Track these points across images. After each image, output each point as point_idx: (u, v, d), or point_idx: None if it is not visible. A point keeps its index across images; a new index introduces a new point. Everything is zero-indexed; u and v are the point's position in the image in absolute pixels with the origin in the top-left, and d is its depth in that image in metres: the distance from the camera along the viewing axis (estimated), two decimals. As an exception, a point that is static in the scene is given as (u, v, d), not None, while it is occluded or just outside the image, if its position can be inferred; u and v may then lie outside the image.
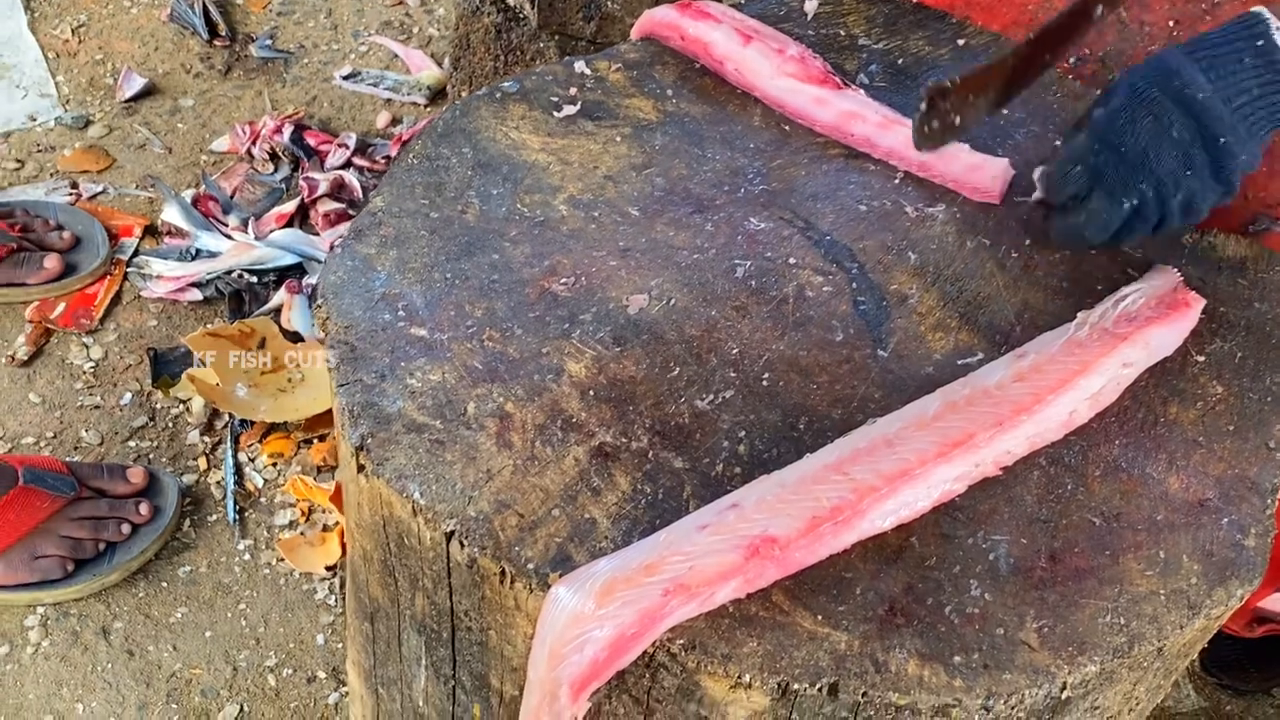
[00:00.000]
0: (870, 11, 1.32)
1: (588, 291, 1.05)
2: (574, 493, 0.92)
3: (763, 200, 1.13)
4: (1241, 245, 1.14)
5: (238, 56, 2.22)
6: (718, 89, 1.24)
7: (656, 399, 0.98)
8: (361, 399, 0.95)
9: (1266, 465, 0.98)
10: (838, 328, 1.04)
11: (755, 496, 0.90)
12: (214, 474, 1.69)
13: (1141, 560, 0.92)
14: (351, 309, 1.01)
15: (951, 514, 0.93)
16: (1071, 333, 1.01)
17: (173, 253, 1.89)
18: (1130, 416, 1.00)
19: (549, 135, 1.17)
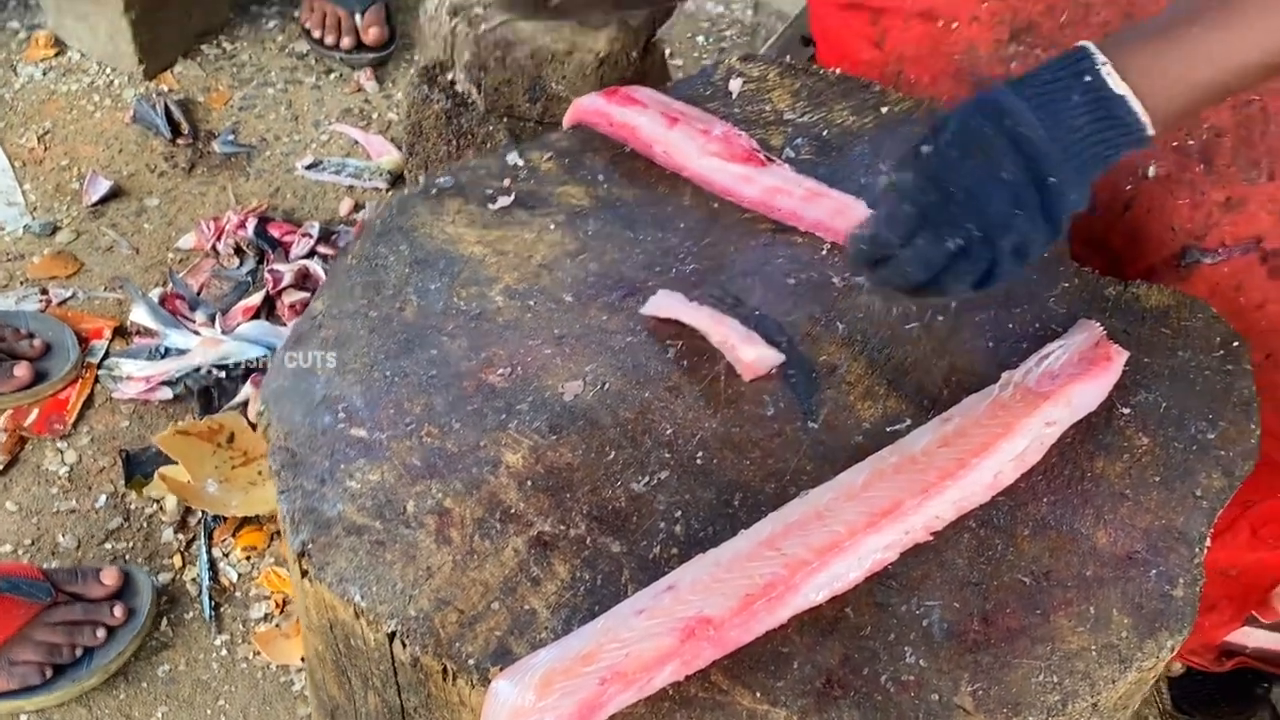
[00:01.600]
0: (794, 86, 1.35)
1: (524, 381, 1.07)
2: (513, 584, 0.94)
3: (694, 279, 1.16)
4: (1164, 294, 1.16)
5: (201, 153, 2.26)
6: (648, 171, 1.27)
7: (593, 484, 1.00)
8: (302, 505, 0.97)
9: (1193, 514, 1.00)
10: (769, 402, 1.07)
11: (690, 577, 0.92)
12: (189, 570, 1.71)
13: (1072, 617, 0.93)
14: (292, 415, 1.03)
15: (885, 582, 0.95)
16: (996, 394, 1.03)
17: (142, 353, 1.92)
18: (1057, 474, 1.02)
19: (484, 227, 1.20)
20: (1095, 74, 0.94)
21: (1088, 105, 0.94)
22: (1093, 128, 0.94)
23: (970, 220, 0.94)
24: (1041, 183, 0.94)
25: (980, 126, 0.95)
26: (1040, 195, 0.94)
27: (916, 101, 1.36)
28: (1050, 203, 0.95)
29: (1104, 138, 0.94)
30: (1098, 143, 0.94)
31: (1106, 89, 0.94)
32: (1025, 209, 0.94)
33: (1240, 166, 1.21)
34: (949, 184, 0.95)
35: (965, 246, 0.95)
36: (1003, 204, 0.94)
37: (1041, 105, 0.94)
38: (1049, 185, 0.94)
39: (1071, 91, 0.94)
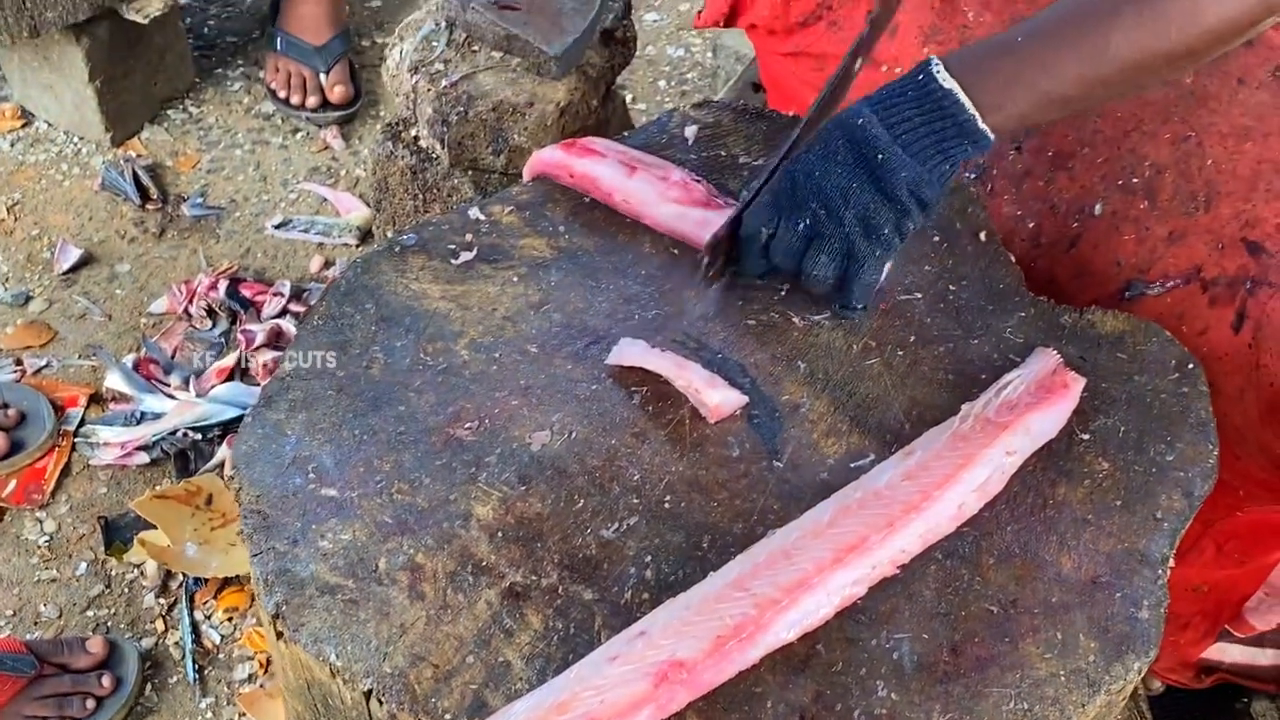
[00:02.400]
0: (749, 130, 1.37)
1: (492, 433, 1.08)
2: (487, 637, 0.95)
3: (656, 325, 1.17)
4: (1119, 320, 1.18)
5: (170, 217, 2.27)
6: (608, 220, 1.28)
7: (563, 533, 1.01)
8: (275, 566, 0.98)
9: (1155, 536, 1.01)
10: (734, 443, 1.08)
11: (662, 622, 0.93)
12: (172, 635, 1.71)
13: (1040, 643, 0.95)
14: (263, 477, 1.04)
15: (854, 617, 0.96)
16: (956, 426, 1.05)
17: (118, 419, 1.92)
18: (1020, 502, 1.03)
19: (448, 283, 1.22)
20: (927, 73, 1.05)
21: (918, 100, 1.05)
22: (924, 119, 1.05)
23: (812, 200, 1.08)
24: (871, 159, 1.06)
25: (827, 129, 1.09)
26: (870, 171, 1.06)
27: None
28: (882, 176, 1.06)
29: (937, 129, 1.05)
30: (932, 134, 1.05)
31: (934, 83, 1.05)
32: (859, 183, 1.07)
33: (1180, 200, 1.24)
34: (793, 174, 1.10)
35: (814, 225, 1.09)
36: (838, 179, 1.07)
37: (881, 105, 1.07)
38: (879, 162, 1.05)
39: (906, 89, 1.06)
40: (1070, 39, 1.03)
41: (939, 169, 1.06)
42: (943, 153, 1.05)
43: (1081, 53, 1.02)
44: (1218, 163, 1.23)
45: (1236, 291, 1.19)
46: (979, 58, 1.06)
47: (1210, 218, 1.21)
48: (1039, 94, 1.05)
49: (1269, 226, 1.19)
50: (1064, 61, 1.03)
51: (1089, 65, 1.03)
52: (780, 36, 1.55)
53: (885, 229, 1.08)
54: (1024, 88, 1.04)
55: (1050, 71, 1.04)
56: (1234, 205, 1.20)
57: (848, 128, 1.07)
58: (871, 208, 1.07)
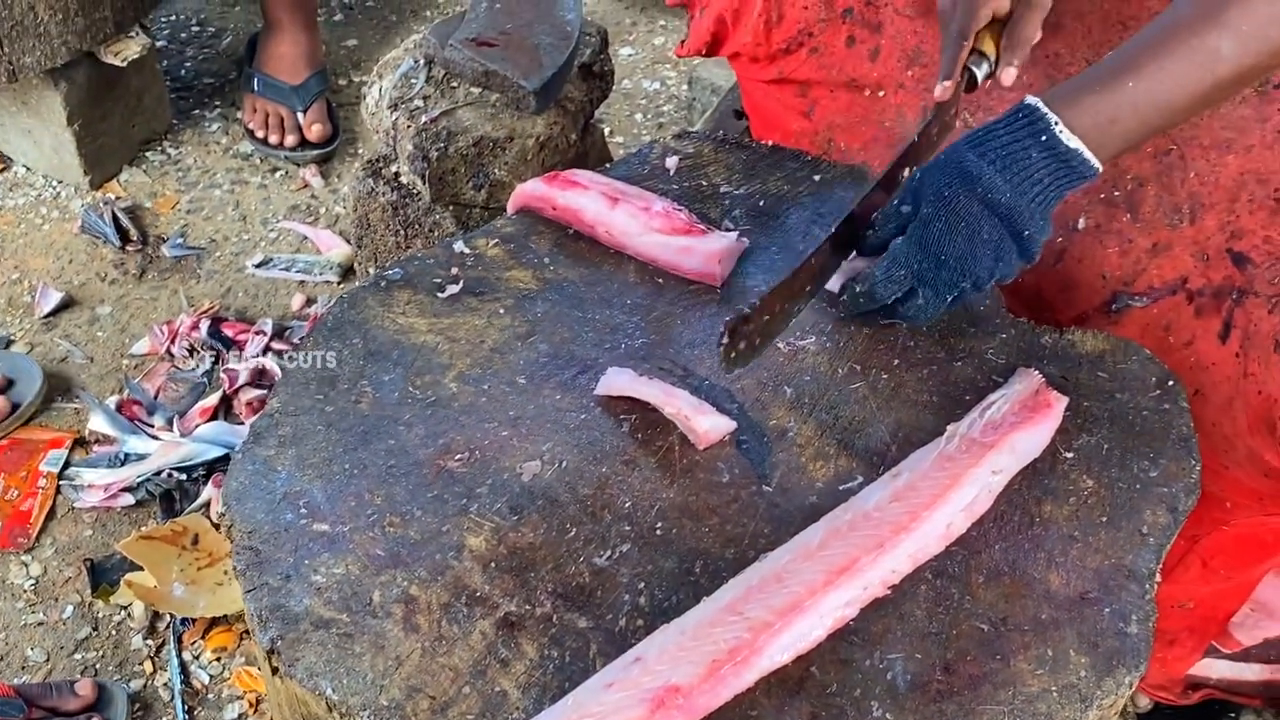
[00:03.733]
0: (729, 159, 1.39)
1: (482, 464, 1.09)
2: (483, 667, 0.95)
3: (643, 353, 1.19)
4: (1099, 339, 1.20)
5: (151, 259, 2.27)
6: (592, 251, 1.30)
7: (556, 562, 1.02)
8: (269, 602, 0.98)
9: (1141, 551, 1.03)
10: (723, 469, 1.09)
11: (657, 647, 0.94)
12: (161, 676, 1.70)
13: (1031, 660, 0.95)
14: (254, 513, 1.05)
15: (847, 638, 0.97)
16: (942, 447, 1.06)
17: (102, 461, 1.92)
18: (1007, 520, 1.04)
19: (435, 316, 1.22)
20: (1050, 133, 1.07)
21: (1046, 160, 1.07)
22: (1051, 177, 1.07)
23: (964, 280, 1.10)
24: (1018, 236, 1.08)
25: (956, 197, 1.09)
26: (1018, 245, 1.09)
27: (847, 168, 1.40)
28: (1027, 247, 1.09)
29: (1061, 181, 1.08)
30: (1056, 186, 1.08)
31: (1061, 144, 1.07)
32: (1005, 258, 1.10)
33: (1164, 212, 1.26)
34: (939, 252, 1.10)
35: (959, 298, 1.13)
36: (987, 260, 1.09)
37: (1006, 167, 1.07)
38: (1025, 238, 1.08)
39: (1030, 150, 1.07)
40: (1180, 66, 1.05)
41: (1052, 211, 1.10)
42: (1059, 197, 1.09)
43: (1194, 79, 1.05)
44: (1200, 175, 1.25)
45: (1223, 302, 1.20)
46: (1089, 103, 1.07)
47: (1195, 229, 1.23)
48: (1149, 128, 1.08)
49: (1255, 238, 1.20)
50: (1176, 92, 1.05)
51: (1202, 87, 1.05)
52: (763, 64, 1.57)
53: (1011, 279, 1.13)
54: (1135, 126, 1.07)
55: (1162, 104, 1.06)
56: (1218, 217, 1.22)
57: (991, 203, 1.08)
58: (1010, 273, 1.11)
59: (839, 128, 1.53)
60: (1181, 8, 1.06)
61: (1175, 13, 1.06)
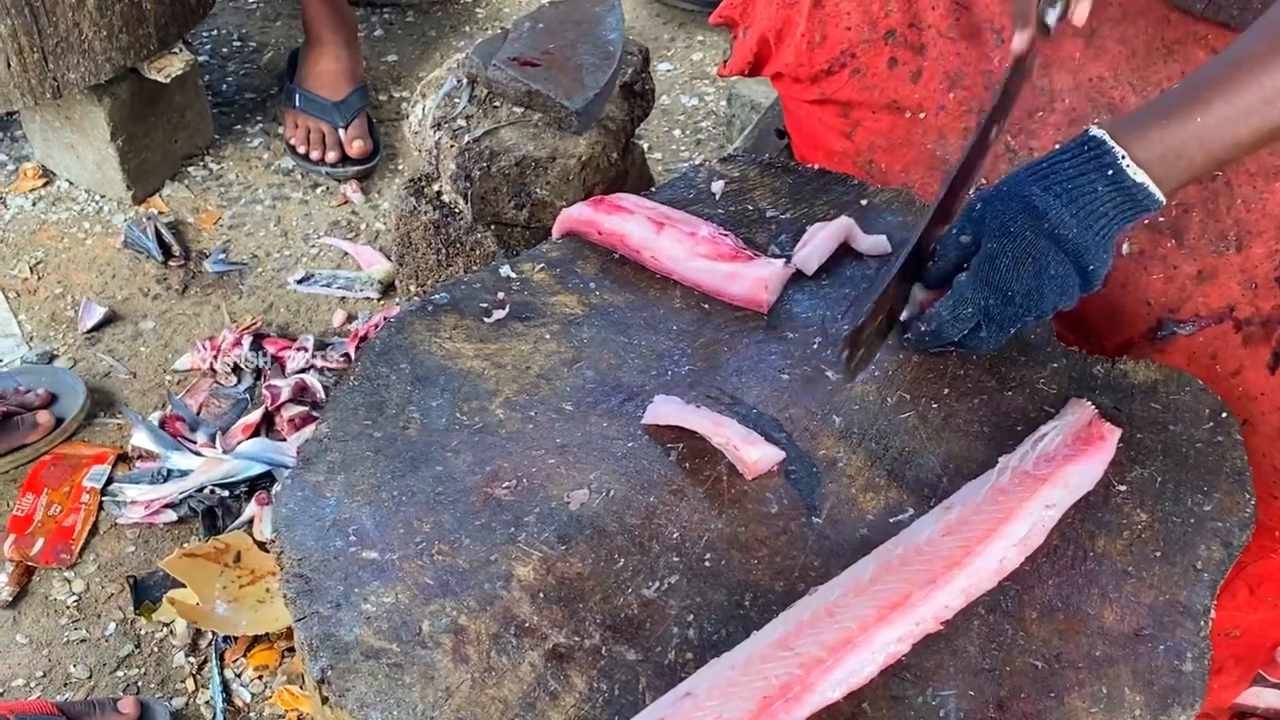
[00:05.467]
0: (775, 184, 1.38)
1: (530, 492, 1.09)
2: (532, 700, 0.95)
3: (690, 381, 1.18)
4: (1152, 369, 1.18)
5: (193, 274, 2.29)
6: (638, 276, 1.29)
7: (605, 593, 1.02)
8: (319, 630, 0.98)
9: (1196, 587, 1.01)
10: (772, 499, 1.08)
11: (707, 683, 0.93)
12: (203, 694, 1.71)
13: (1085, 698, 0.94)
14: (304, 540, 1.05)
15: (899, 674, 0.96)
16: (994, 480, 1.05)
17: (145, 477, 1.93)
18: (1060, 555, 1.03)
19: (481, 341, 1.22)
20: (1116, 166, 1.05)
21: (1111, 193, 1.06)
22: (1116, 209, 1.06)
23: (1030, 315, 1.10)
24: (1082, 270, 1.07)
25: (1023, 232, 1.07)
26: (1082, 279, 1.08)
27: (894, 192, 1.39)
28: (1090, 281, 1.09)
29: (1125, 214, 1.07)
30: (1120, 219, 1.07)
31: (1127, 178, 1.05)
32: (1069, 292, 1.09)
33: (1209, 239, 1.24)
34: (1006, 289, 1.09)
35: (1022, 330, 1.13)
36: (1053, 295, 1.09)
37: (1072, 200, 1.06)
38: (1089, 272, 1.08)
39: (1096, 184, 1.06)
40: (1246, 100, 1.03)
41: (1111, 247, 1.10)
42: (1122, 228, 1.08)
43: (1261, 115, 1.03)
44: (1247, 201, 1.23)
45: (1273, 331, 1.19)
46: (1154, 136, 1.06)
47: (1242, 257, 1.22)
48: (1214, 161, 1.06)
49: None
50: (1242, 127, 1.04)
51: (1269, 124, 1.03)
52: (805, 84, 1.57)
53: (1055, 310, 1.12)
54: (1200, 160, 1.06)
55: (1228, 138, 1.04)
56: (1266, 245, 1.21)
57: (1058, 239, 1.07)
58: (1064, 306, 1.10)
59: (880, 149, 1.52)
60: (1251, 41, 1.04)
61: (1245, 46, 1.05)
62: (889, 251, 1.30)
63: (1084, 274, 1.08)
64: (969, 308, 1.10)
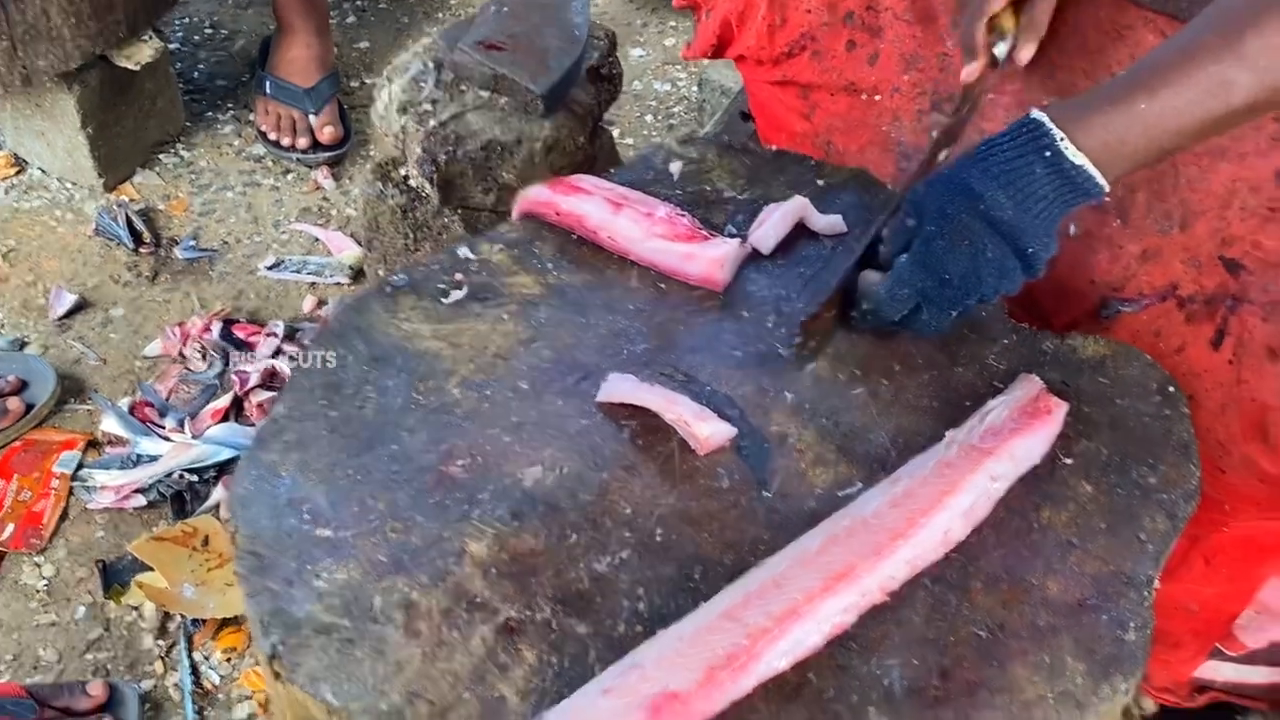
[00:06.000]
0: (733, 165, 1.39)
1: (484, 470, 1.10)
2: (482, 673, 0.96)
3: (645, 359, 1.19)
4: (1100, 344, 1.20)
5: (164, 261, 2.29)
6: (596, 257, 1.30)
7: (556, 568, 1.03)
8: (270, 606, 0.99)
9: (1140, 558, 1.03)
10: (723, 475, 1.09)
11: (655, 654, 0.95)
12: (171, 676, 1.72)
13: (1028, 666, 0.96)
14: (258, 518, 1.05)
15: (845, 644, 0.97)
16: (941, 453, 1.06)
17: (114, 462, 1.93)
18: (1006, 526, 1.04)
19: (439, 322, 1.23)
20: (1054, 148, 1.04)
21: (1050, 176, 1.05)
22: (1056, 193, 1.05)
23: (969, 298, 1.09)
24: (1021, 253, 1.06)
25: (958, 214, 1.07)
26: (1022, 262, 1.07)
27: (850, 172, 1.40)
28: (1031, 264, 1.08)
29: (1065, 198, 1.05)
30: (1060, 202, 1.06)
31: (1066, 160, 1.04)
32: (1009, 274, 1.07)
33: (1154, 219, 1.26)
34: (942, 271, 1.08)
35: (963, 314, 1.11)
36: (991, 278, 1.08)
37: (1009, 183, 1.05)
38: (1029, 254, 1.06)
39: (1034, 165, 1.05)
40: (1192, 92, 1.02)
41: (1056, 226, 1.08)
42: (1063, 213, 1.07)
43: (1205, 106, 1.02)
44: (1191, 181, 1.24)
45: (1216, 309, 1.20)
46: (1097, 121, 1.05)
47: (1186, 236, 1.23)
48: (1156, 150, 1.06)
49: (1246, 244, 1.20)
50: (1186, 116, 1.03)
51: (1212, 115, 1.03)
52: (767, 66, 1.58)
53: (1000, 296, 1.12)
54: (1142, 147, 1.05)
55: (1171, 127, 1.04)
56: (1210, 224, 1.22)
57: (993, 220, 1.06)
58: (1014, 288, 1.09)
59: (838, 130, 1.53)
60: (1200, 30, 1.03)
61: (1193, 35, 1.04)
62: (844, 231, 1.31)
63: (1024, 257, 1.07)
64: (906, 289, 1.10)
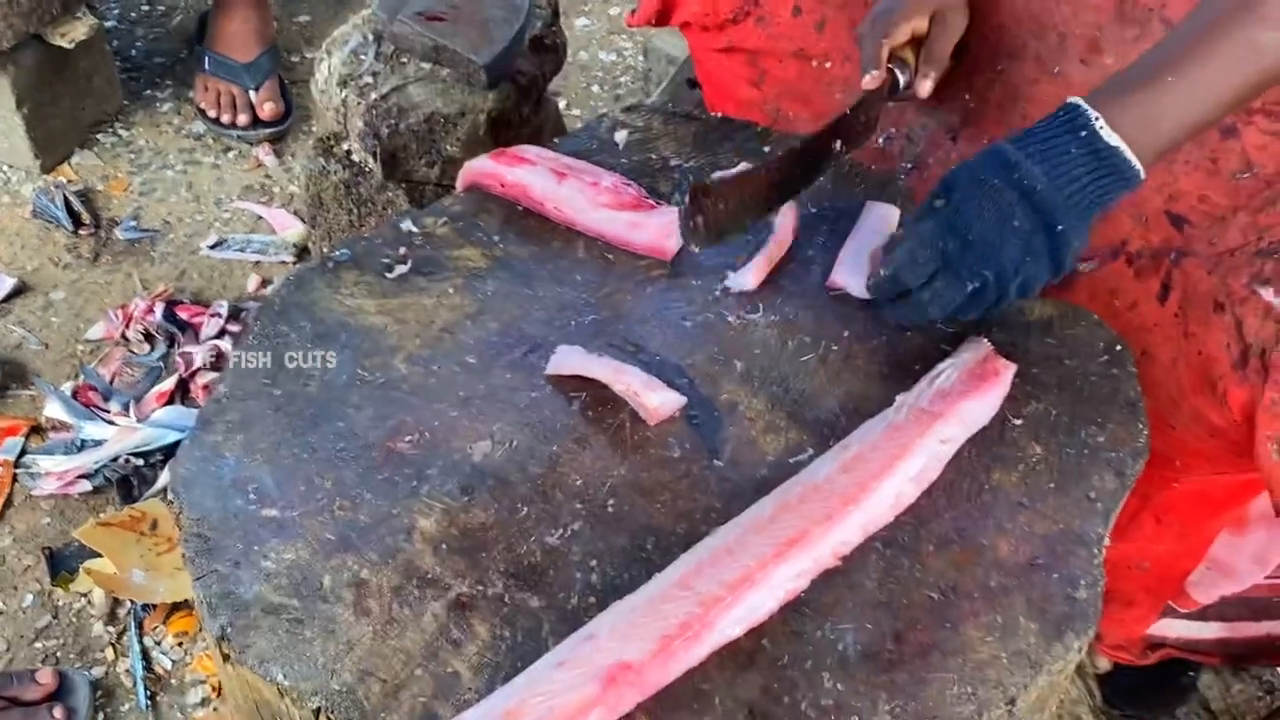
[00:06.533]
0: (679, 133, 1.38)
1: (432, 445, 1.09)
2: (435, 649, 0.95)
3: (593, 330, 1.18)
4: (1048, 305, 1.20)
5: (104, 242, 2.25)
6: (542, 228, 1.29)
7: (508, 542, 1.02)
8: (218, 589, 0.98)
9: (1089, 517, 1.03)
10: (674, 444, 1.09)
11: (609, 625, 0.94)
12: (122, 662, 1.69)
13: (981, 627, 0.96)
14: (203, 500, 1.04)
15: (799, 610, 0.97)
16: (891, 417, 1.06)
17: (59, 448, 1.90)
18: (956, 489, 1.05)
19: (383, 297, 1.22)
20: (1090, 129, 1.04)
21: (1085, 158, 1.04)
22: (1091, 177, 1.04)
23: (987, 267, 1.05)
24: (1050, 230, 1.04)
25: (990, 179, 1.05)
26: (1049, 241, 1.04)
27: (796, 138, 1.39)
28: (1057, 249, 1.05)
29: (1101, 184, 1.04)
30: (1096, 190, 1.05)
31: (1101, 142, 1.04)
32: (1034, 254, 1.05)
33: None
34: (966, 233, 1.05)
35: (982, 290, 1.06)
36: (1015, 251, 1.05)
37: (1044, 159, 1.04)
38: (1057, 232, 1.04)
39: (1070, 146, 1.04)
40: (1221, 60, 1.03)
41: (1091, 222, 1.07)
42: (1100, 204, 1.06)
43: (1236, 73, 1.03)
44: None
45: (1161, 263, 1.21)
46: (1130, 101, 1.05)
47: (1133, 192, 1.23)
48: (1192, 126, 1.06)
49: (1192, 199, 1.21)
50: (1219, 86, 1.04)
51: (1245, 80, 1.04)
52: (712, 33, 1.57)
53: (1037, 289, 1.09)
54: (1178, 124, 1.05)
55: (1205, 100, 1.04)
56: (1156, 178, 1.22)
57: (1025, 190, 1.04)
58: (1038, 276, 1.07)
59: (788, 96, 1.53)
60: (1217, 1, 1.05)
61: (1211, 7, 1.05)
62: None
63: (1053, 236, 1.04)
64: (927, 249, 1.07)
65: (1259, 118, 1.19)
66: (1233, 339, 1.11)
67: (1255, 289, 1.10)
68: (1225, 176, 1.19)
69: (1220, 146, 1.20)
